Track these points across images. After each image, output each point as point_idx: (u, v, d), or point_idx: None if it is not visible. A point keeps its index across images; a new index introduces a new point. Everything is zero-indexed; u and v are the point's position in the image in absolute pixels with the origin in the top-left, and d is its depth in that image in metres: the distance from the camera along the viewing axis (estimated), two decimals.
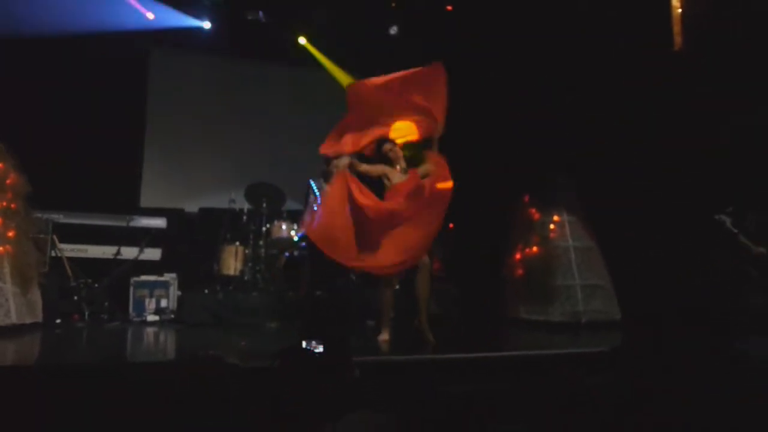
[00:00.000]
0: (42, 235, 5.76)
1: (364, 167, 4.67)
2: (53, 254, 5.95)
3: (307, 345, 3.07)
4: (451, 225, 7.38)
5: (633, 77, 6.10)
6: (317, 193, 6.25)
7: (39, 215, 5.85)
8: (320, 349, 2.40)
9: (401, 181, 4.60)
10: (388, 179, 4.63)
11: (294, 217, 6.71)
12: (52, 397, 3.04)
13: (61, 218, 6.51)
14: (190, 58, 8.38)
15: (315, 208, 6.23)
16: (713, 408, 2.24)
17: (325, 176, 6.17)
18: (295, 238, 6.52)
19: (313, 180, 6.28)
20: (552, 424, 2.59)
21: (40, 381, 3.17)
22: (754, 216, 5.03)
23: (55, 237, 6.03)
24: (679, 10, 6.05)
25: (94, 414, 2.96)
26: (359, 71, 8.93)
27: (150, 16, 7.54)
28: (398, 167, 4.66)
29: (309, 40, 8.25)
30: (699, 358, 2.53)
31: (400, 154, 4.70)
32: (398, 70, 4.90)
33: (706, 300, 4.99)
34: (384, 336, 4.57)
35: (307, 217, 6.37)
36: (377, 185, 4.70)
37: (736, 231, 4.89)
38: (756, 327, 4.35)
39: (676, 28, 6.06)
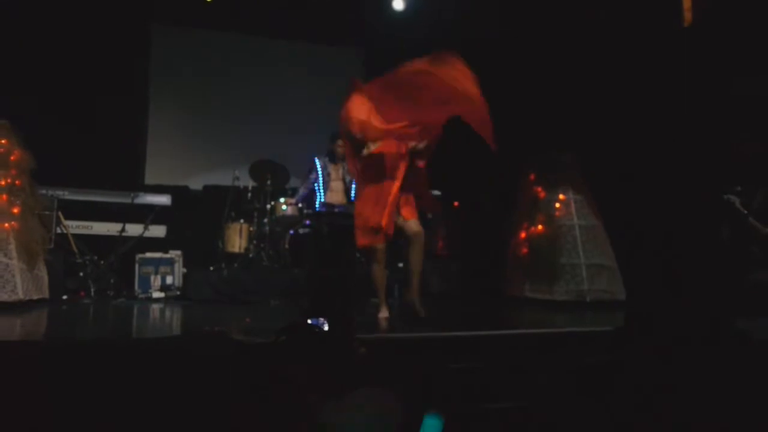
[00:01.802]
0: (47, 212, 5.78)
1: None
2: (58, 231, 5.98)
3: (312, 322, 3.08)
4: (456, 203, 7.38)
5: (641, 54, 6.02)
6: (320, 171, 6.24)
7: (44, 192, 5.87)
8: (325, 326, 2.41)
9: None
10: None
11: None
12: (59, 372, 3.07)
13: (65, 195, 6.53)
14: (194, 33, 8.32)
15: (315, 187, 6.23)
16: (715, 387, 2.24)
17: (330, 155, 6.17)
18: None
19: (317, 157, 6.26)
20: (555, 402, 2.60)
21: (48, 356, 3.20)
22: (763, 195, 4.99)
23: (60, 213, 6.05)
24: None
25: (101, 388, 2.99)
26: (365, 47, 8.89)
27: None
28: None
29: None
30: (700, 338, 2.54)
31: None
32: (403, 46, 4.69)
33: (710, 278, 4.98)
34: (384, 313, 4.54)
35: (302, 192, 6.35)
36: None
37: (746, 212, 4.84)
38: (757, 305, 4.35)
39: (687, 3, 5.96)
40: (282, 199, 6.63)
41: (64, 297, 5.68)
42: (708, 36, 5.66)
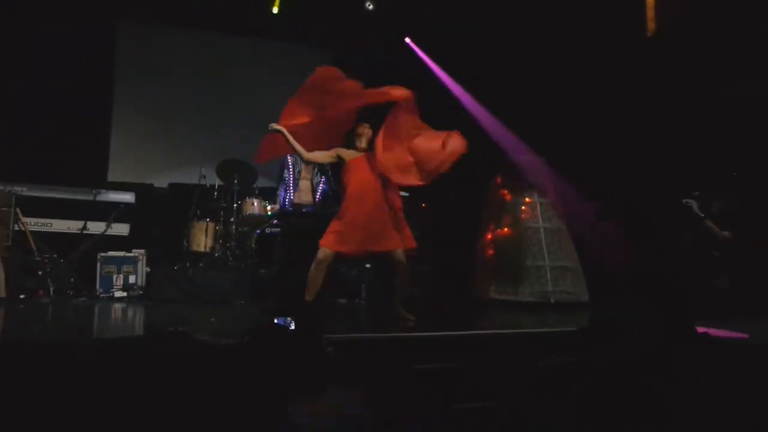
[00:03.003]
0: (4, 208, 5.62)
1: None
2: (16, 228, 5.80)
3: (279, 322, 3.05)
4: (423, 204, 7.41)
5: (606, 62, 6.15)
6: (291, 168, 6.20)
7: (1, 187, 5.71)
8: (292, 326, 2.39)
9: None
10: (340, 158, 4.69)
11: (266, 195, 6.64)
12: (16, 374, 2.98)
13: (24, 191, 6.34)
14: (160, 29, 8.18)
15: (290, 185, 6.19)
16: (676, 387, 2.29)
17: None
18: (269, 213, 6.46)
19: (289, 154, 6.21)
20: (521, 402, 2.63)
21: (3, 357, 3.10)
22: (719, 200, 5.14)
23: (18, 210, 5.88)
24: None
25: (59, 391, 2.91)
26: (334, 48, 8.87)
27: None
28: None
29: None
30: (662, 340, 2.59)
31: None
32: (373, 45, 4.75)
33: (671, 282, 5.11)
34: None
35: (281, 193, 6.33)
36: None
37: (702, 215, 4.99)
38: (718, 309, 4.47)
39: (650, 13, 6.11)
40: (268, 207, 6.52)
41: (22, 296, 5.52)
42: (671, 44, 5.81)
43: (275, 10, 7.60)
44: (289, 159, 6.18)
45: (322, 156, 4.72)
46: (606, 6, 6.15)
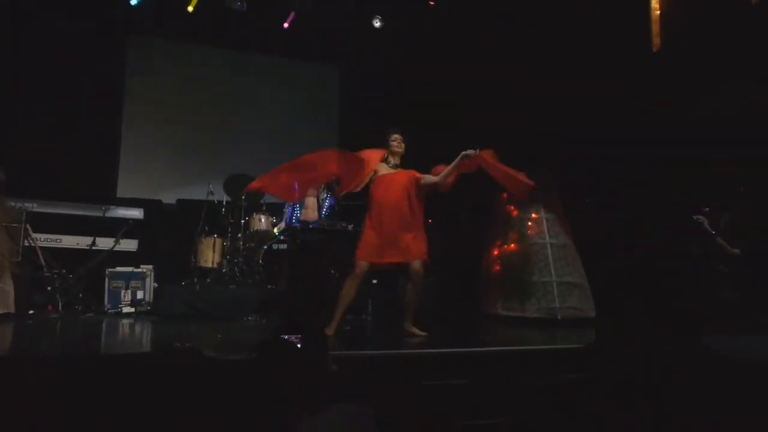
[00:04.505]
0: (15, 224, 5.66)
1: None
2: (26, 244, 5.85)
3: (285, 338, 3.06)
4: (429, 220, 7.42)
5: (612, 77, 6.17)
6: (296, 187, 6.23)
7: (12, 204, 5.75)
8: (299, 343, 2.39)
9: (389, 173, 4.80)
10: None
11: (273, 210, 6.68)
12: (24, 389, 3.00)
13: (35, 207, 6.38)
14: (169, 46, 8.28)
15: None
16: (684, 402, 2.28)
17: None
18: (276, 232, 6.49)
19: None
20: (527, 418, 2.62)
21: (12, 372, 3.12)
22: (728, 217, 5.13)
23: (28, 226, 5.93)
24: (658, 12, 6.13)
25: (67, 406, 2.92)
26: (341, 64, 8.95)
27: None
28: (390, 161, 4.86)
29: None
30: (669, 355, 2.59)
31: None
32: (381, 61, 4.75)
33: (679, 297, 5.09)
34: (330, 330, 4.54)
35: (287, 210, 6.37)
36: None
37: (713, 232, 4.98)
38: (725, 323, 4.45)
39: (655, 29, 6.14)
40: (275, 229, 6.56)
41: (31, 312, 5.55)
42: (676, 59, 5.83)
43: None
44: None
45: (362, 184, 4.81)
46: (611, 22, 6.19)
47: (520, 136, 6.68)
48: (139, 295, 6.16)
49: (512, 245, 6.24)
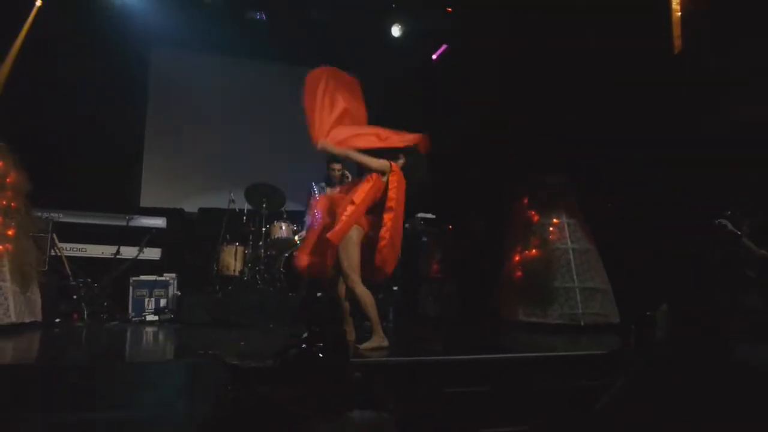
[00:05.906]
0: (42, 234, 5.77)
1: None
2: (52, 253, 5.95)
3: (307, 346, 3.07)
4: (450, 226, 7.41)
5: (633, 80, 6.12)
6: (317, 197, 6.26)
7: (39, 214, 5.86)
8: (321, 350, 2.40)
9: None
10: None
11: (294, 218, 6.72)
12: (51, 396, 3.05)
13: (60, 217, 6.52)
14: (191, 57, 8.40)
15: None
16: (710, 411, 2.24)
17: (327, 179, 6.18)
18: (297, 240, 6.53)
19: (314, 183, 6.30)
20: (551, 425, 2.60)
21: (40, 379, 3.17)
22: (750, 220, 5.05)
23: (54, 236, 6.04)
24: (679, 14, 6.06)
25: (93, 413, 2.97)
26: (363, 73, 8.98)
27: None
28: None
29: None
30: (696, 362, 2.54)
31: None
32: (399, 70, 4.80)
33: (704, 302, 5.00)
34: (383, 341, 4.26)
35: (307, 219, 6.38)
36: None
37: (739, 233, 4.89)
38: (751, 329, 4.36)
39: (676, 31, 6.08)
40: (296, 236, 6.59)
41: (57, 320, 5.63)
42: (695, 62, 5.76)
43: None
44: (314, 187, 6.25)
45: (383, 164, 4.43)
46: (632, 24, 6.14)
47: (539, 141, 6.65)
48: (163, 303, 6.23)
49: (533, 251, 6.20)
